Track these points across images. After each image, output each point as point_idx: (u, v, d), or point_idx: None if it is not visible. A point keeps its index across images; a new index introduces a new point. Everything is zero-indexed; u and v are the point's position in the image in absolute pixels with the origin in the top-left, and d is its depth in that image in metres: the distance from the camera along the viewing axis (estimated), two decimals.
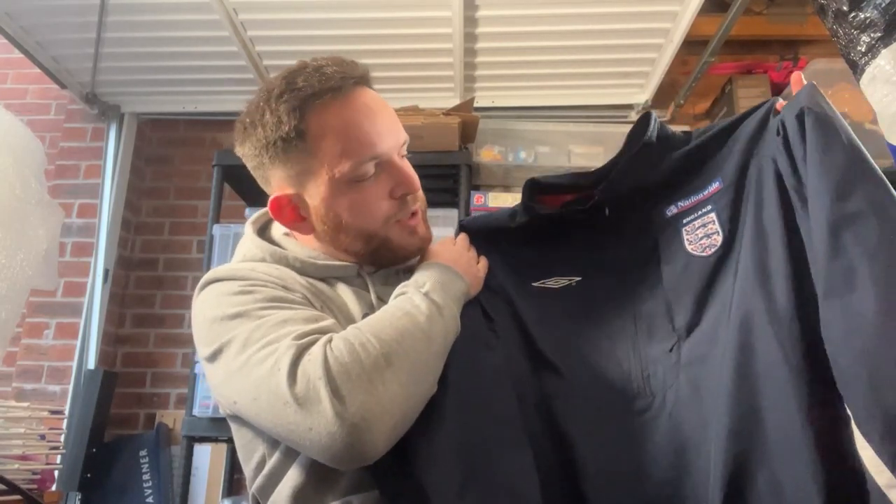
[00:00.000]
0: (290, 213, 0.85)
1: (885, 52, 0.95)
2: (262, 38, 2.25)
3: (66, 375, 2.40)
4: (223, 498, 2.25)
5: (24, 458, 1.75)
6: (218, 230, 2.03)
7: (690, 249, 0.82)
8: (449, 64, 2.34)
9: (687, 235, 0.84)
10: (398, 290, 0.80)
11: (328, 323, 0.74)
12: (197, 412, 1.92)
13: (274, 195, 0.84)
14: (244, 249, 0.89)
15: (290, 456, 0.75)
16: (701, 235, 0.82)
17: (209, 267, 1.98)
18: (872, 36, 0.96)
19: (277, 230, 0.93)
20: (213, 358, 0.74)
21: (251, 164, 0.87)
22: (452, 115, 2.06)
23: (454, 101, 2.41)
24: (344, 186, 0.81)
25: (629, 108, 2.59)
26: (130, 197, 2.61)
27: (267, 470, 0.77)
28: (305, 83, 0.79)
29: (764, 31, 2.57)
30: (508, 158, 2.27)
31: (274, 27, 2.18)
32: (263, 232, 0.93)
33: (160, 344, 2.55)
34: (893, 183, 0.70)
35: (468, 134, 2.15)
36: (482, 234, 0.94)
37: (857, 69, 1.01)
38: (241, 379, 0.70)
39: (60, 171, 2.62)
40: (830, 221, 0.66)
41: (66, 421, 2.13)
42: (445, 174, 2.10)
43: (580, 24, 2.16)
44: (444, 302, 0.77)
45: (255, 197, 2.40)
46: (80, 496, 2.19)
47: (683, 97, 2.52)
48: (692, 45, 2.25)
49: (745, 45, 2.61)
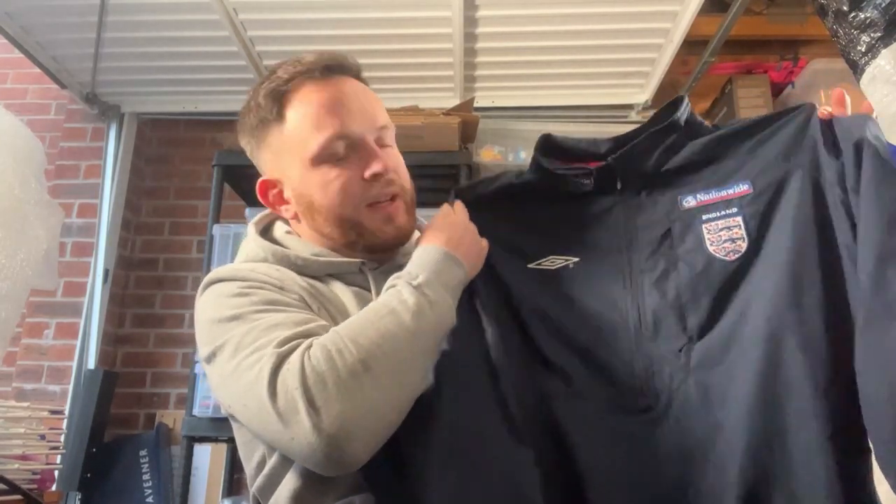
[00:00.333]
0: (275, 196, 0.88)
1: (885, 52, 0.95)
2: (262, 38, 2.24)
3: (66, 375, 2.40)
4: (223, 498, 2.26)
5: (24, 458, 1.76)
6: (218, 230, 2.03)
7: (712, 251, 0.79)
8: (449, 64, 2.34)
9: (708, 234, 0.80)
10: (389, 281, 0.77)
11: (314, 325, 0.73)
12: (197, 412, 1.91)
13: (260, 179, 0.89)
14: (247, 250, 0.90)
15: (288, 457, 0.75)
16: (725, 238, 0.79)
17: (209, 267, 1.98)
18: (872, 36, 0.96)
19: (280, 229, 0.93)
20: (209, 360, 0.75)
21: (247, 152, 0.91)
22: (452, 115, 2.06)
23: (454, 101, 2.41)
24: (315, 166, 0.82)
25: (629, 108, 2.59)
26: (130, 197, 2.61)
27: (267, 470, 0.77)
28: (284, 71, 0.84)
29: (764, 31, 2.56)
30: (508, 158, 2.27)
31: (274, 27, 2.18)
32: (266, 232, 0.93)
33: (160, 344, 2.55)
34: None
35: (468, 134, 2.15)
36: (477, 205, 0.87)
37: (857, 69, 1.01)
38: (232, 384, 0.70)
39: (60, 171, 2.62)
40: (879, 254, 0.66)
41: (66, 421, 2.13)
42: (445, 174, 2.09)
43: (580, 24, 2.16)
44: (436, 295, 0.74)
45: (255, 197, 2.38)
46: (80, 496, 2.19)
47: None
48: (692, 45, 2.25)
49: (745, 45, 2.61)
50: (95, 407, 2.24)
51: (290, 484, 0.74)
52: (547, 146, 0.88)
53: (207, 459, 2.30)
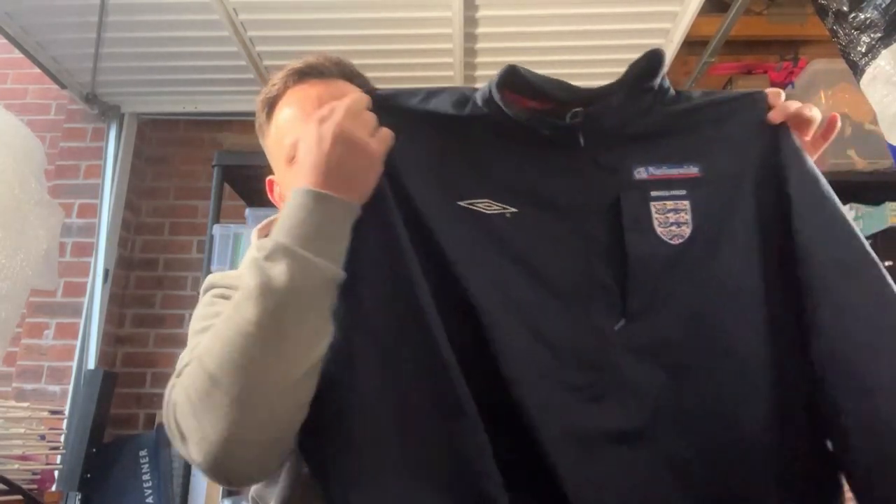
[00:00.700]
0: (277, 195, 0.94)
1: (885, 52, 0.95)
2: (262, 38, 2.24)
3: (66, 375, 2.40)
4: (223, 498, 2.25)
5: (24, 458, 1.75)
6: (218, 230, 2.03)
7: (659, 231, 0.73)
8: (449, 64, 2.34)
9: (656, 213, 0.74)
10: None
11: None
12: None
13: (268, 178, 0.95)
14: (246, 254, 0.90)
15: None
16: (671, 220, 0.74)
17: (209, 267, 1.98)
18: (872, 36, 0.96)
19: None
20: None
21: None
22: None
23: None
24: (289, 166, 0.84)
25: None
26: (130, 197, 2.61)
27: None
28: (275, 77, 0.89)
29: (764, 31, 2.57)
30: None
31: (274, 27, 2.18)
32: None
33: (160, 344, 2.55)
34: (895, 184, 0.71)
35: None
36: (404, 115, 0.74)
37: (857, 70, 1.01)
38: None
39: (60, 171, 2.62)
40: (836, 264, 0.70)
41: (66, 421, 2.14)
42: None
43: (580, 24, 2.16)
44: (288, 262, 0.60)
45: (255, 197, 2.39)
46: (80, 496, 2.19)
47: None
48: (692, 45, 2.25)
49: (745, 45, 2.61)
50: (95, 407, 2.24)
51: (281, 493, 0.74)
52: (510, 80, 0.78)
53: None
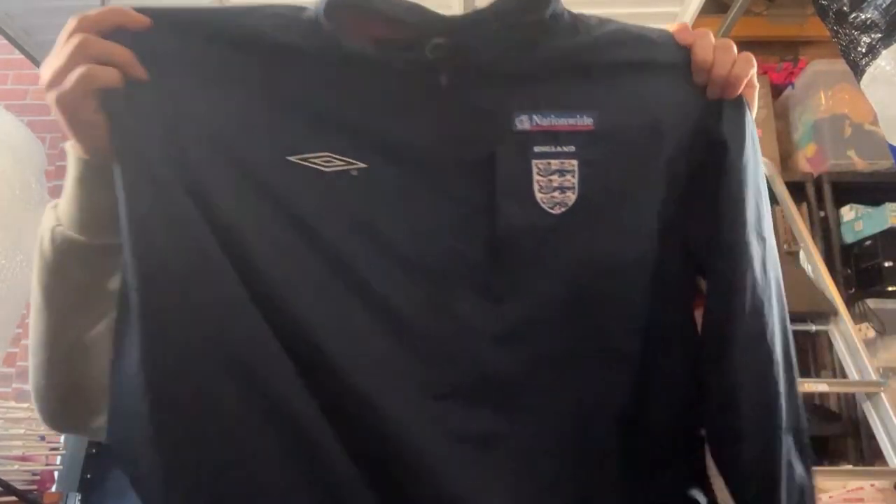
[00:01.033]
0: None
1: (885, 53, 0.95)
2: None
3: None
4: None
5: (23, 458, 1.76)
6: None
7: (539, 197, 0.59)
8: None
9: (538, 175, 0.59)
10: None
11: None
12: None
13: None
14: None
15: None
16: (555, 184, 0.59)
17: None
18: (873, 37, 0.96)
19: None
20: None
21: None
22: None
23: None
24: None
25: None
26: None
27: None
28: None
29: (764, 31, 2.57)
30: None
31: None
32: None
33: None
34: (895, 185, 0.70)
35: None
36: (196, 40, 0.58)
37: (857, 70, 1.01)
38: None
39: (60, 171, 2.58)
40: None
41: None
42: None
43: None
44: (42, 234, 0.63)
45: None
46: (79, 497, 2.18)
47: None
48: None
49: (745, 45, 2.58)
50: None
51: None
52: (343, 2, 0.59)
53: None
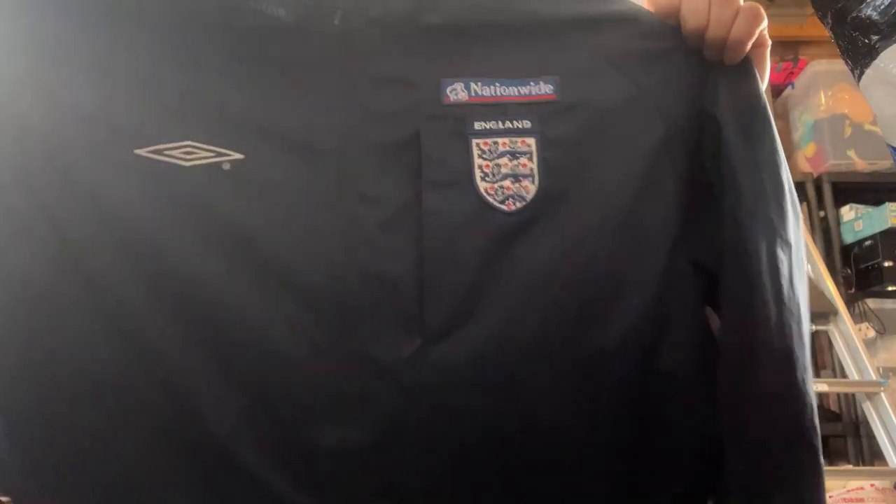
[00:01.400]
0: None
1: (884, 53, 0.95)
2: None
3: None
4: None
5: None
6: None
7: (483, 189, 0.46)
8: None
9: (481, 159, 0.47)
10: None
11: None
12: None
13: None
14: None
15: None
16: (506, 171, 0.46)
17: None
18: (872, 37, 0.96)
19: None
20: None
21: None
22: None
23: None
24: None
25: None
26: None
27: None
28: None
29: None
30: None
31: None
32: None
33: None
34: (895, 185, 0.69)
35: None
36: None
37: (856, 70, 1.01)
38: None
39: None
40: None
41: None
42: None
43: None
44: None
45: None
46: None
47: None
48: None
49: None
50: None
51: None
52: None
53: None
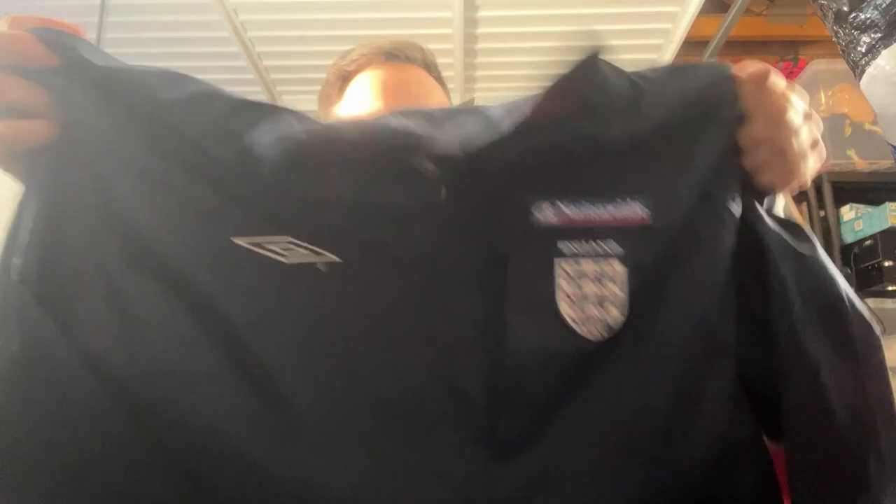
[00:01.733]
0: None
1: (885, 52, 0.95)
2: (262, 38, 2.24)
3: None
4: None
5: None
6: None
7: (565, 313, 0.44)
8: (449, 64, 2.34)
9: (564, 282, 0.45)
10: None
11: None
12: None
13: None
14: None
15: None
16: (591, 295, 0.45)
17: None
18: (873, 37, 0.96)
19: None
20: None
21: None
22: None
23: (454, 101, 2.40)
24: None
25: None
26: None
27: None
28: (356, 52, 0.86)
29: (764, 31, 2.57)
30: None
31: (274, 27, 2.18)
32: None
33: None
34: (895, 184, 0.69)
35: None
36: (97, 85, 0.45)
37: (857, 70, 1.01)
38: None
39: None
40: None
41: None
42: None
43: (580, 24, 2.16)
44: None
45: None
46: None
47: None
48: (692, 45, 2.25)
49: (745, 45, 2.61)
50: None
51: None
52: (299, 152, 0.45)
53: None
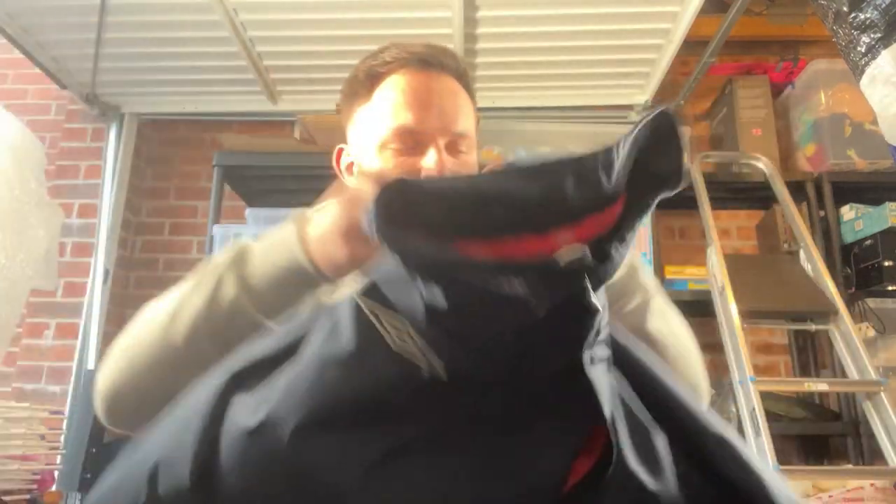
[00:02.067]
0: (345, 166, 0.91)
1: (884, 52, 0.95)
2: (262, 38, 2.24)
3: (66, 376, 2.40)
4: None
5: (24, 458, 1.75)
6: (218, 230, 2.03)
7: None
8: None
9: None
10: None
11: None
12: None
13: (338, 146, 0.92)
14: None
15: None
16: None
17: None
18: (872, 37, 0.96)
19: None
20: None
21: (338, 113, 0.93)
22: None
23: None
24: (380, 151, 0.82)
25: (629, 108, 2.59)
26: (130, 197, 2.61)
27: None
28: (388, 54, 0.85)
29: (764, 31, 2.57)
30: (509, 159, 2.26)
31: (274, 27, 2.18)
32: None
33: None
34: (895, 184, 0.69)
35: None
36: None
37: (857, 70, 1.01)
38: None
39: (60, 171, 2.62)
40: None
41: (65, 421, 2.13)
42: None
43: (580, 24, 2.16)
44: (223, 280, 0.65)
45: (255, 197, 2.40)
46: (80, 496, 2.18)
47: (683, 97, 2.52)
48: (692, 45, 2.25)
49: (745, 45, 2.61)
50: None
51: None
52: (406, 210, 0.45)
53: None
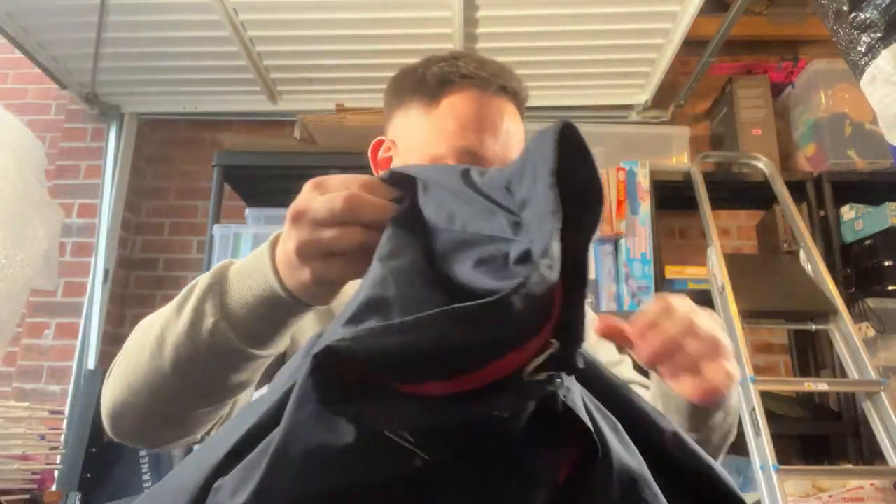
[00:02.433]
0: (382, 158, 0.88)
1: (885, 52, 0.95)
2: (262, 38, 2.24)
3: (66, 375, 2.40)
4: None
5: (23, 458, 1.76)
6: (218, 230, 2.03)
7: None
8: None
9: None
10: None
11: None
12: None
13: (378, 138, 0.90)
14: None
15: None
16: None
17: (209, 267, 1.98)
18: (872, 36, 0.96)
19: None
20: None
21: (384, 101, 0.91)
22: None
23: None
24: (420, 155, 0.81)
25: (629, 108, 2.59)
26: (130, 197, 2.61)
27: None
28: (467, 64, 0.84)
29: (764, 31, 2.57)
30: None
31: (274, 27, 2.18)
32: None
33: None
34: (895, 184, 0.69)
35: None
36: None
37: (857, 70, 1.01)
38: None
39: (60, 171, 2.62)
40: None
41: (66, 421, 2.14)
42: None
43: (580, 24, 2.16)
44: (202, 307, 0.57)
45: (255, 197, 2.40)
46: (79, 496, 2.18)
47: (683, 97, 2.52)
48: (692, 45, 2.25)
49: (745, 45, 2.61)
50: (95, 407, 2.24)
51: None
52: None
53: None
